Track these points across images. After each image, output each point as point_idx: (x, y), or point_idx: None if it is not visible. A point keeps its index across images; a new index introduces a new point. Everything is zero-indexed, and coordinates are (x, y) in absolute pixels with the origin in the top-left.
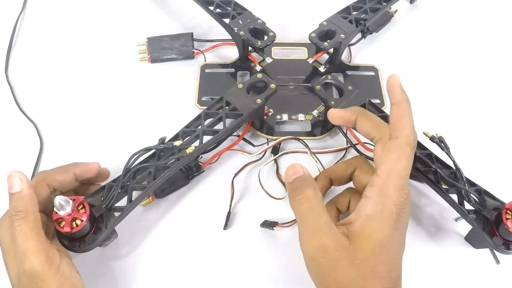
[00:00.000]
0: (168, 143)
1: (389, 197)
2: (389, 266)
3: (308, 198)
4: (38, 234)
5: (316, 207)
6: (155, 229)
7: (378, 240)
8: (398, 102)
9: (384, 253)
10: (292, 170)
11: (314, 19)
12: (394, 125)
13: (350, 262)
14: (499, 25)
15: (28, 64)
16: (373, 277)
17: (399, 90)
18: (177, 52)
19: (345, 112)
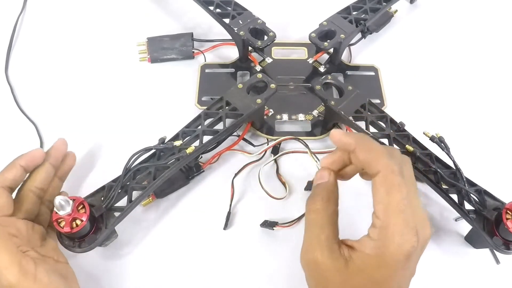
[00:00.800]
0: (168, 143)
1: (392, 240)
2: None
3: (316, 210)
4: (6, 247)
5: (321, 221)
6: (155, 229)
7: (374, 279)
8: (354, 149)
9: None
10: (320, 174)
11: (314, 19)
12: (368, 165)
13: (341, 285)
14: (499, 25)
15: (28, 64)
16: None
17: (345, 140)
18: (177, 52)
19: (345, 138)
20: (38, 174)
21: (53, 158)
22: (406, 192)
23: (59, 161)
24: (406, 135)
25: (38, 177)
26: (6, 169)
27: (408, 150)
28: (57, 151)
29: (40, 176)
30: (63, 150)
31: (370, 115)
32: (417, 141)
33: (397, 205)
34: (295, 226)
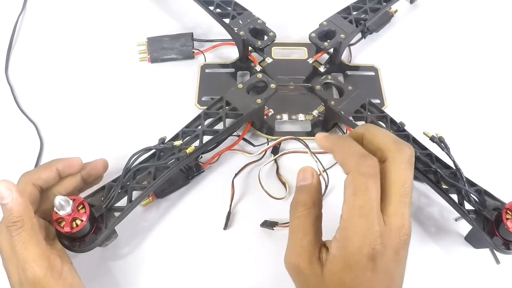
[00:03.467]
0: (168, 143)
1: (351, 241)
2: None
3: (299, 216)
4: (37, 241)
5: (304, 226)
6: (155, 229)
7: (344, 282)
8: (332, 151)
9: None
10: (302, 175)
11: (314, 19)
12: (342, 166)
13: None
14: (499, 25)
15: (28, 64)
16: None
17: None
18: (177, 52)
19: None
20: (68, 183)
21: (87, 173)
22: (371, 198)
23: (91, 179)
24: (406, 135)
25: (67, 185)
26: (42, 168)
27: None
28: (94, 169)
29: (69, 185)
30: (99, 171)
31: (370, 115)
32: (417, 141)
33: (360, 208)
34: None
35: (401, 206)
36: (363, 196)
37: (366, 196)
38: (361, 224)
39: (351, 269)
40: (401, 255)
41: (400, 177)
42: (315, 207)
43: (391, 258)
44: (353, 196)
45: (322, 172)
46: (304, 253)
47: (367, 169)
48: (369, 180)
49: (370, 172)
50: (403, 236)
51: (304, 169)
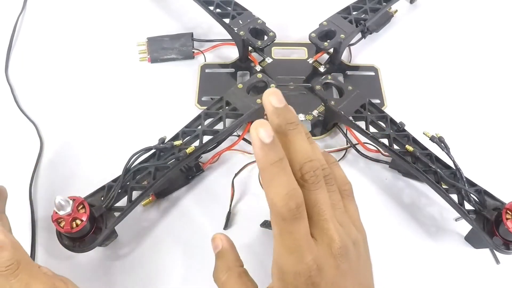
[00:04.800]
0: (168, 143)
1: (286, 273)
2: None
3: (223, 282)
4: (38, 275)
5: (233, 287)
6: (155, 229)
7: None
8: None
9: None
10: (213, 244)
11: (314, 19)
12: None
13: None
14: (499, 25)
15: (28, 64)
16: None
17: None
18: (177, 52)
19: None
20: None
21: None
22: (302, 233)
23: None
24: (406, 135)
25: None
26: None
27: (408, 150)
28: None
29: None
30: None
31: (370, 115)
32: (417, 141)
33: (288, 248)
34: None
35: (321, 224)
36: (290, 238)
37: (292, 238)
38: (291, 259)
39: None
40: (343, 268)
41: (308, 200)
42: (233, 267)
43: (333, 275)
44: (279, 236)
45: None
46: None
47: (290, 215)
48: (293, 225)
49: (293, 218)
50: (336, 250)
51: (213, 237)
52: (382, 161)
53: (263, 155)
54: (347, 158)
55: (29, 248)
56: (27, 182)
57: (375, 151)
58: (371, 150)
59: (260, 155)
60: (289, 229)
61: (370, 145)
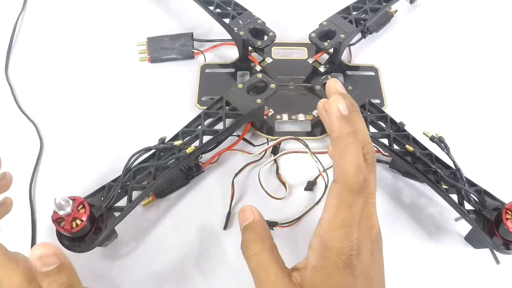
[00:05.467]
0: (168, 143)
1: (330, 249)
2: None
3: (254, 254)
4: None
5: (263, 262)
6: (155, 229)
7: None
8: (337, 138)
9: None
10: (243, 215)
11: (314, 19)
12: (334, 166)
13: None
14: (499, 25)
15: (28, 64)
16: None
17: (338, 121)
18: (177, 52)
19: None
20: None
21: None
22: (354, 212)
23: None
24: (406, 135)
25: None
26: None
27: (408, 150)
28: None
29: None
30: None
31: (370, 115)
32: (417, 141)
33: (340, 222)
34: (295, 226)
35: (367, 207)
36: (347, 211)
37: (349, 212)
38: (341, 234)
39: (333, 277)
40: (375, 256)
41: None
42: (266, 239)
43: (368, 260)
44: (336, 208)
45: (322, 172)
46: (276, 286)
47: (357, 187)
48: (356, 198)
49: (359, 191)
50: (374, 236)
51: (243, 209)
52: (382, 161)
53: (341, 125)
54: None
55: (29, 248)
56: (27, 182)
57: (375, 151)
58: None
59: (338, 125)
60: (351, 202)
61: None
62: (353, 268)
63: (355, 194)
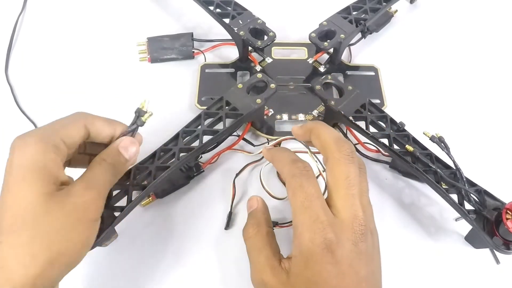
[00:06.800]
0: (168, 143)
1: (301, 235)
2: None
3: (250, 237)
4: None
5: (257, 244)
6: (155, 229)
7: (310, 280)
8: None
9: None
10: (249, 204)
11: (314, 19)
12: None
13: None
14: (499, 25)
15: (28, 64)
16: None
17: (266, 154)
18: (177, 52)
19: (300, 130)
20: None
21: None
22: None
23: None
24: (406, 135)
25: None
26: (102, 118)
27: (408, 150)
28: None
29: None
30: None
31: (370, 115)
32: (417, 141)
33: (301, 204)
34: None
35: (349, 198)
36: (301, 193)
37: (303, 193)
38: (305, 217)
39: (311, 264)
40: (361, 248)
41: (342, 171)
42: (263, 225)
43: (350, 249)
44: (293, 196)
45: (322, 172)
46: (264, 267)
47: (298, 170)
48: (302, 178)
49: (301, 173)
50: (357, 226)
51: (250, 198)
52: (382, 161)
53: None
54: None
55: None
56: None
57: (375, 151)
58: (371, 150)
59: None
60: (300, 183)
61: (370, 145)
62: (333, 254)
63: (299, 176)
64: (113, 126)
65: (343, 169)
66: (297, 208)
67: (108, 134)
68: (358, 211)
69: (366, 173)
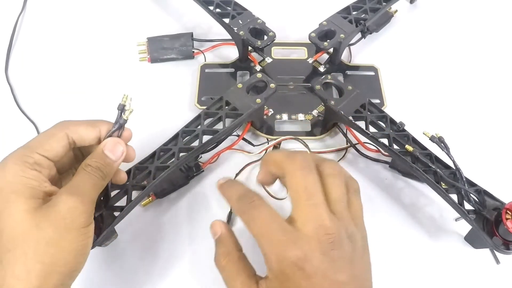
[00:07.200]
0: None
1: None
2: None
3: (223, 267)
4: None
5: (230, 273)
6: (155, 229)
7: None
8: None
9: None
10: (212, 230)
11: (314, 19)
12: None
13: None
14: (499, 25)
15: (28, 64)
16: None
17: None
18: (177, 52)
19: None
20: None
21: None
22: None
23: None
24: (406, 135)
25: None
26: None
27: (408, 150)
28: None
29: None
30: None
31: (370, 115)
32: (417, 141)
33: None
34: None
35: (311, 209)
36: (254, 225)
37: (257, 224)
38: (266, 242)
39: (286, 284)
40: (333, 255)
41: (298, 183)
42: (233, 251)
43: (320, 260)
44: (250, 229)
45: None
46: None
47: (245, 206)
48: (251, 212)
49: (250, 206)
50: (323, 236)
51: (212, 224)
52: (382, 161)
53: None
54: (347, 158)
55: None
56: None
57: (375, 151)
58: (371, 150)
59: None
60: (251, 217)
61: (370, 145)
62: (303, 271)
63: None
64: (97, 127)
65: (299, 181)
66: (257, 237)
67: (93, 137)
68: (323, 221)
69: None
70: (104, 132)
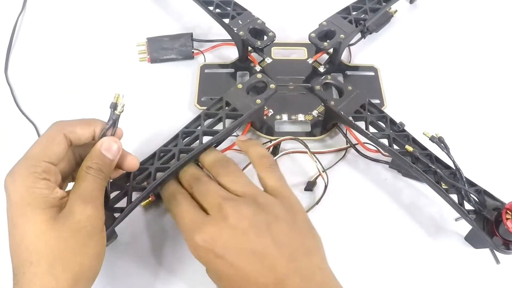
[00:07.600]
0: (168, 144)
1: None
2: None
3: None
4: None
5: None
6: (155, 229)
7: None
8: None
9: None
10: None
11: (314, 19)
12: None
13: None
14: (499, 25)
15: (28, 64)
16: None
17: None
18: (177, 52)
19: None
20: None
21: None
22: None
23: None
24: (405, 135)
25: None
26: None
27: (408, 150)
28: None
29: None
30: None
31: (370, 115)
32: (416, 141)
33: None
34: None
35: (208, 195)
36: (174, 218)
37: (176, 217)
38: (182, 233)
39: (210, 267)
40: (242, 228)
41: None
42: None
43: (228, 235)
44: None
45: (322, 173)
46: None
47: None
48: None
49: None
50: (208, 205)
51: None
52: (382, 161)
53: None
54: (347, 158)
55: None
56: None
57: (375, 151)
58: (371, 150)
59: None
60: (172, 205)
61: (370, 145)
62: (215, 251)
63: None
64: (91, 126)
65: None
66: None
67: (88, 136)
68: (214, 199)
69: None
70: (98, 131)
